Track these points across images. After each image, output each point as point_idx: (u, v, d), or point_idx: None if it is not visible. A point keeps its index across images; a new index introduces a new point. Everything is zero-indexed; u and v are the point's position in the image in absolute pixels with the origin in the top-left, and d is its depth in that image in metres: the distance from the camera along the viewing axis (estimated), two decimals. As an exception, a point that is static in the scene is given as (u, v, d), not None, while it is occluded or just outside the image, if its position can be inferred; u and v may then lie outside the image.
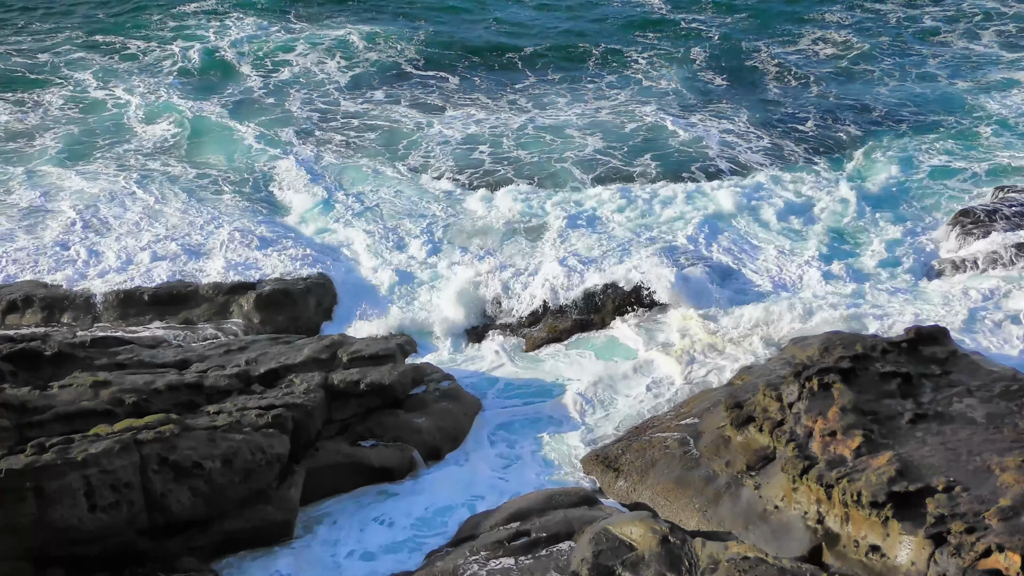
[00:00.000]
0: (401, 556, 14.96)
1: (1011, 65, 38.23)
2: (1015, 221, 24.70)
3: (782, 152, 30.60)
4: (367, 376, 17.57)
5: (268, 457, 15.26)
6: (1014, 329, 20.57)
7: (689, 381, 19.09)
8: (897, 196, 27.73)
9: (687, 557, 12.99)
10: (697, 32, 42.39)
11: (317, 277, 22.19)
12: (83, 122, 32.34)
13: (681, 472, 16.05)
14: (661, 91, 35.59)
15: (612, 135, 31.43)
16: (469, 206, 26.69)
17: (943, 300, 22.03)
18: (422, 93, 35.45)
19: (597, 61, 38.78)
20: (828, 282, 22.93)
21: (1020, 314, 20.96)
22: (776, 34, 42.51)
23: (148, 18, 43.00)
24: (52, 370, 16.74)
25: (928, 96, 35.31)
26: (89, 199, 26.50)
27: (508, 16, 44.60)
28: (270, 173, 28.74)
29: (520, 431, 18.07)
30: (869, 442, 14.52)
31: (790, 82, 36.95)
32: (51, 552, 13.68)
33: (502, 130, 31.83)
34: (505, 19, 44.14)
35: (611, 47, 40.01)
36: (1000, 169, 28.93)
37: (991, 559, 12.28)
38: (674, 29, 42.78)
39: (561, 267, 22.55)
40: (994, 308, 21.56)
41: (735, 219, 25.89)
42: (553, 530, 14.19)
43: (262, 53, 38.89)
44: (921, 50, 40.57)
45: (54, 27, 41.88)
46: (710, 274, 22.57)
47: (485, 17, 44.45)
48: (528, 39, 41.19)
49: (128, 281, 22.05)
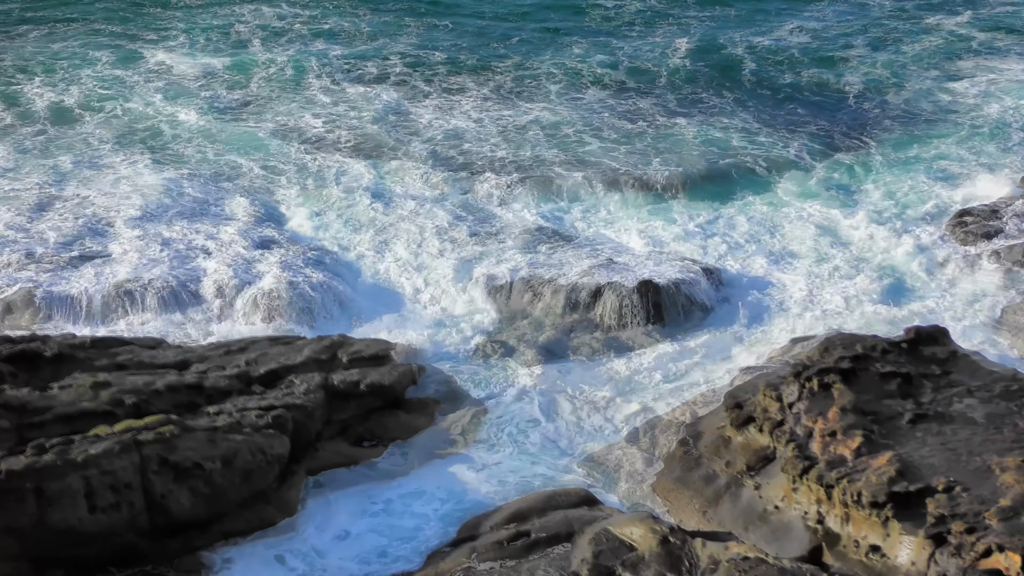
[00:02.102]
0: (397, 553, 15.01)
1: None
2: (1015, 221, 24.70)
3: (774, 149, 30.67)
4: (367, 377, 17.56)
5: (268, 458, 15.25)
6: (1014, 328, 20.57)
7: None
8: (897, 196, 27.75)
9: (687, 557, 12.99)
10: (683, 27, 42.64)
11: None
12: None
13: (682, 472, 16.05)
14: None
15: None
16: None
17: (943, 300, 22.05)
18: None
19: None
20: (827, 282, 22.95)
21: (1019, 312, 20.97)
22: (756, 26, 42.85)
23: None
24: (52, 371, 16.71)
25: (928, 95, 35.34)
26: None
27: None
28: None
29: (520, 431, 18.04)
30: (869, 442, 14.52)
31: (776, 76, 37.05)
32: (51, 553, 13.68)
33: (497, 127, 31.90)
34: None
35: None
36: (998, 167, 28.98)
37: (991, 559, 12.28)
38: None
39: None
40: (994, 307, 21.58)
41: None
42: (553, 530, 14.19)
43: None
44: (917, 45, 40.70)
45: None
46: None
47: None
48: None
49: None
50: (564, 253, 23.65)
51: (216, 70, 37.52)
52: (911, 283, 22.97)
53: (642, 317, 21.15)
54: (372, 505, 16.05)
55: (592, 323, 21.15)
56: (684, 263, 22.98)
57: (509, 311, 21.85)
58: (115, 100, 34.08)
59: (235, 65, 38.00)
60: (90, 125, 32.13)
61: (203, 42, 40.66)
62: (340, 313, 21.85)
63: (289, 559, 14.89)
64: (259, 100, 34.73)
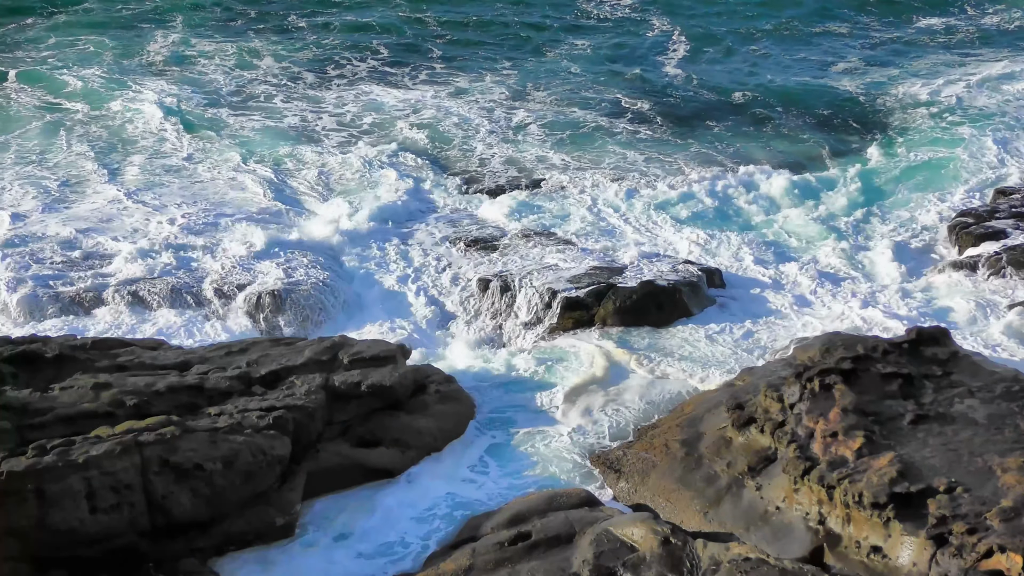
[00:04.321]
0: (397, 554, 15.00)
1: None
2: (1015, 222, 24.69)
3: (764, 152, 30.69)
4: (368, 378, 17.54)
5: (269, 459, 15.25)
6: (1014, 329, 20.58)
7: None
8: (896, 195, 27.77)
9: (689, 558, 12.98)
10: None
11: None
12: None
13: (683, 473, 16.04)
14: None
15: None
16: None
17: (943, 300, 22.06)
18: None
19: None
20: (827, 283, 22.96)
21: (1020, 313, 20.97)
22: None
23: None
24: (53, 372, 16.70)
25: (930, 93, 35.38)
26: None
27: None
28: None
29: (520, 431, 18.03)
30: (870, 443, 14.52)
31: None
32: (52, 554, 13.67)
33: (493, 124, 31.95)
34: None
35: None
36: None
37: (992, 560, 12.28)
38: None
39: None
40: (994, 308, 21.57)
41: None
42: (554, 531, 14.16)
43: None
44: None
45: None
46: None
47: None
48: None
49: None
50: (564, 253, 23.65)
51: (220, 60, 37.58)
52: (911, 283, 22.96)
53: (642, 317, 21.14)
54: (372, 505, 16.04)
55: (592, 323, 21.14)
56: (684, 264, 22.99)
57: (509, 311, 21.84)
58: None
59: (238, 59, 38.06)
60: (88, 125, 32.15)
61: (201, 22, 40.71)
62: (341, 314, 21.87)
63: (288, 560, 14.88)
64: (258, 100, 34.76)
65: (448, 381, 18.90)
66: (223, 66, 37.67)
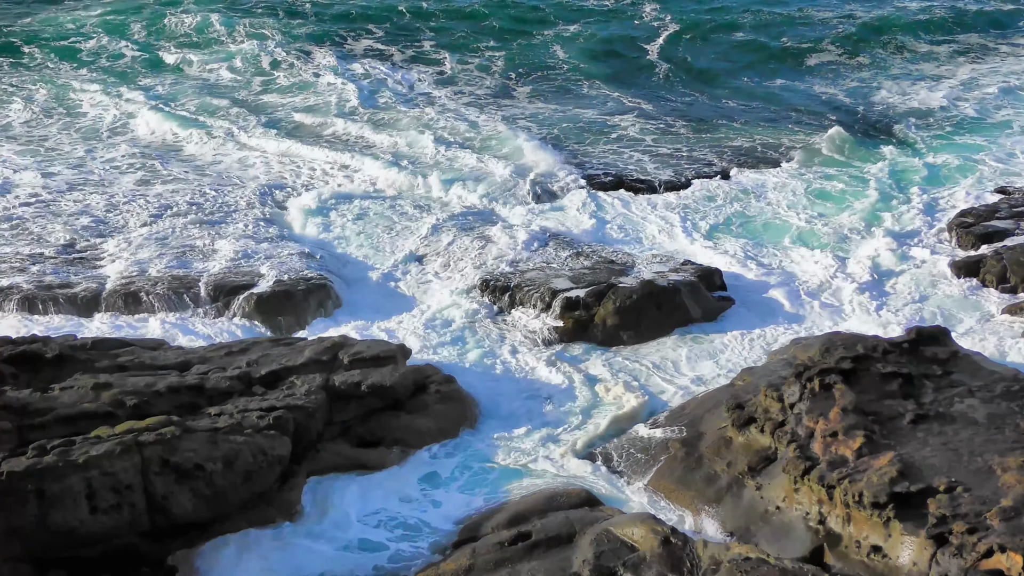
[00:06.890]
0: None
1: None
2: (1015, 222, 24.70)
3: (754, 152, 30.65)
4: (368, 378, 17.55)
5: (269, 459, 15.25)
6: (1014, 329, 20.57)
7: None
8: (896, 195, 27.76)
9: (689, 558, 12.98)
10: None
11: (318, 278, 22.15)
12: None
13: (683, 473, 16.04)
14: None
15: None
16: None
17: (944, 300, 22.05)
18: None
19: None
20: (827, 283, 22.95)
21: (1020, 313, 20.97)
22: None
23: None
24: (53, 372, 16.71)
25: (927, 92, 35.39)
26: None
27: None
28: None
29: (520, 431, 18.03)
30: (870, 443, 14.52)
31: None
32: (52, 554, 13.67)
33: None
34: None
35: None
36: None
37: (993, 560, 12.28)
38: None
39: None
40: (995, 308, 21.57)
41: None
42: (554, 531, 14.16)
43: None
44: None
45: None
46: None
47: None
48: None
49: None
50: (564, 253, 23.66)
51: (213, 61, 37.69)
52: (911, 283, 22.95)
53: (643, 318, 21.14)
54: (372, 505, 16.03)
55: (593, 324, 21.14)
56: (684, 264, 23.00)
57: (510, 311, 21.84)
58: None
59: (227, 60, 38.10)
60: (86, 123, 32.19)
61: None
62: (341, 314, 21.86)
63: (288, 560, 14.87)
64: (257, 99, 34.77)
65: (448, 381, 18.88)
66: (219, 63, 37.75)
